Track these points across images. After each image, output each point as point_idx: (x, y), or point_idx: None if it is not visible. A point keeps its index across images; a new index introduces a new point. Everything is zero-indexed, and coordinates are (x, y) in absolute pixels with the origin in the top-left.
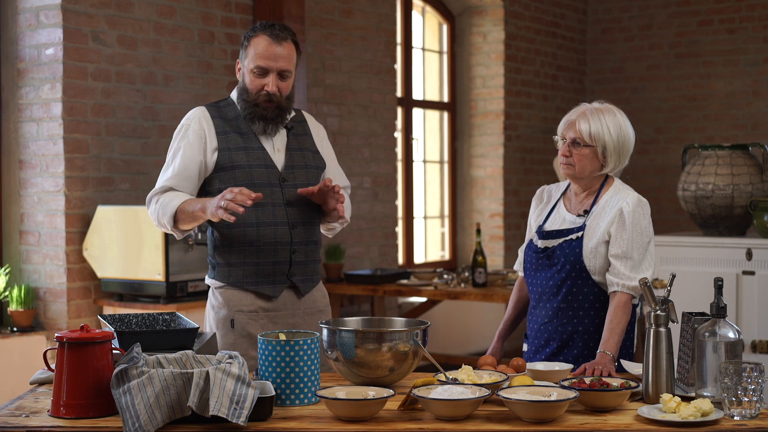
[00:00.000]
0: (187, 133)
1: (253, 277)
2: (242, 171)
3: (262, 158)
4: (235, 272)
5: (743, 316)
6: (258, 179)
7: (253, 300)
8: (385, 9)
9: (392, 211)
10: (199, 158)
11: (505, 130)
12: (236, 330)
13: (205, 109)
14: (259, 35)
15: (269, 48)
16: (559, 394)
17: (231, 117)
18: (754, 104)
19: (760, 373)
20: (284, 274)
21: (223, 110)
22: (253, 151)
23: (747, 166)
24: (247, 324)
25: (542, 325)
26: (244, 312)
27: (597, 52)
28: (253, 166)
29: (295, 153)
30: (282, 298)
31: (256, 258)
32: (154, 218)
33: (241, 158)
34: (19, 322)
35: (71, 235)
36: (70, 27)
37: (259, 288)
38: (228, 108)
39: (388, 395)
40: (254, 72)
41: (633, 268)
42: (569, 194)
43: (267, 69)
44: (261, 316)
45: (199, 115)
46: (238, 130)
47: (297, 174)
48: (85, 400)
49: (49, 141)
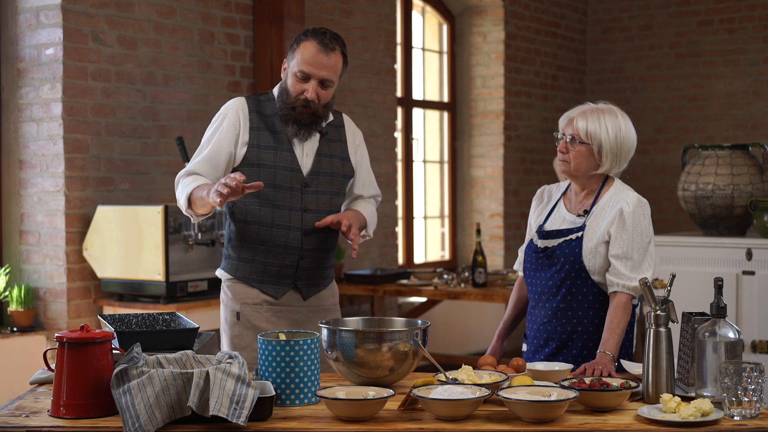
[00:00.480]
0: (222, 122)
1: (259, 275)
2: (267, 170)
3: (289, 161)
4: (243, 267)
5: (743, 316)
6: (281, 181)
7: (258, 294)
8: (385, 9)
9: (392, 211)
10: (229, 149)
11: (505, 130)
12: (242, 322)
13: (245, 102)
14: (309, 40)
15: (316, 55)
16: (559, 394)
17: (268, 113)
18: (754, 104)
19: (760, 373)
20: (290, 278)
21: (262, 105)
22: (281, 153)
23: (747, 166)
24: (252, 316)
25: (541, 325)
26: (249, 305)
27: (597, 52)
28: (279, 167)
29: (324, 159)
30: (286, 297)
31: (264, 257)
32: (178, 200)
33: (269, 157)
34: (19, 322)
35: (71, 235)
36: (70, 27)
37: (263, 287)
38: (268, 104)
39: (388, 395)
40: (297, 76)
41: (633, 268)
42: (569, 194)
43: (310, 75)
44: (266, 309)
45: (237, 106)
46: (272, 128)
47: (321, 180)
48: (85, 400)
49: (49, 141)
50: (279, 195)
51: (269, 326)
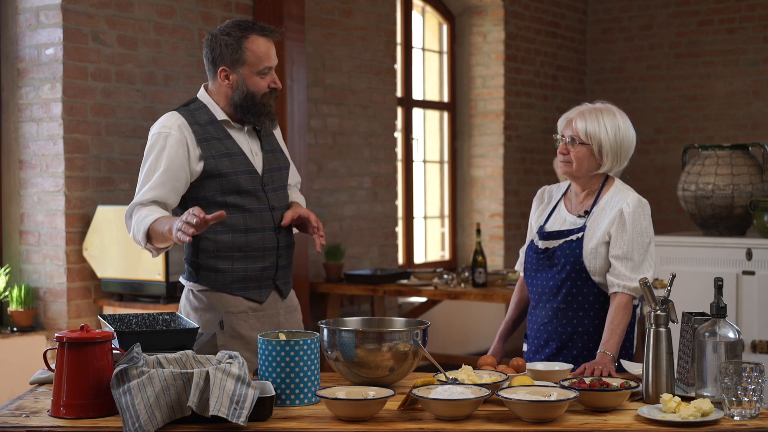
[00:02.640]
0: (166, 141)
1: (241, 282)
2: (228, 179)
3: (245, 164)
4: (222, 278)
5: (743, 316)
6: (244, 185)
7: (242, 301)
8: (385, 9)
9: (392, 211)
10: (184, 167)
11: (505, 130)
12: (226, 331)
13: (181, 116)
14: (252, 36)
15: (267, 46)
16: (559, 394)
17: (204, 122)
18: (754, 104)
19: (760, 373)
20: (270, 279)
21: (195, 114)
22: (236, 157)
23: (747, 166)
24: (237, 325)
25: (542, 325)
26: (233, 313)
27: (597, 52)
28: (239, 173)
29: (270, 155)
30: (269, 299)
31: (244, 264)
32: (131, 234)
33: (226, 165)
34: (19, 322)
35: (71, 235)
36: (70, 27)
37: (247, 293)
38: (199, 112)
39: (388, 395)
40: (262, 73)
41: (634, 269)
42: (570, 195)
43: (271, 67)
44: (250, 316)
45: (177, 123)
46: (216, 136)
47: (275, 177)
48: (85, 400)
49: (49, 141)
50: (245, 200)
51: (254, 333)
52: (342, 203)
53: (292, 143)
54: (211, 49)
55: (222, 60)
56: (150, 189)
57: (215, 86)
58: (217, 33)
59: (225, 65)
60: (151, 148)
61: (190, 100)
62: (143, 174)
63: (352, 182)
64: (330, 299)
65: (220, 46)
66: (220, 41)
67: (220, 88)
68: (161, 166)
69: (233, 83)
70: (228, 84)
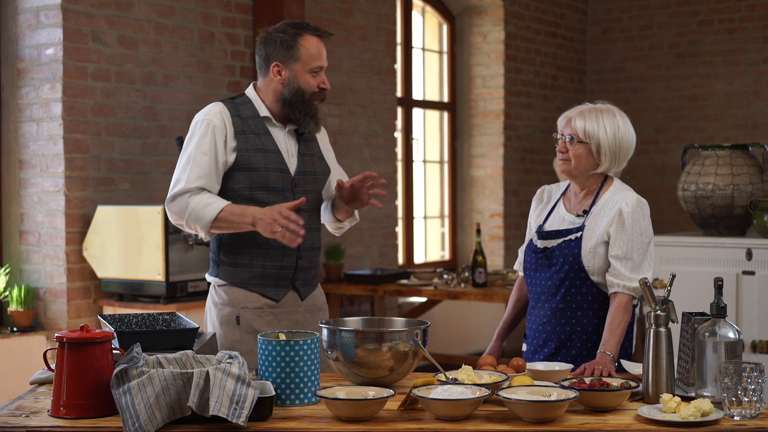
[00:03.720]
0: (209, 129)
1: (259, 279)
2: (258, 173)
3: (278, 162)
4: (240, 273)
5: (743, 316)
6: (273, 183)
7: (258, 298)
8: (385, 9)
9: (392, 211)
10: (223, 158)
11: (505, 130)
12: (242, 327)
13: (224, 106)
14: (305, 35)
15: (320, 47)
16: (559, 394)
17: (247, 116)
18: (754, 104)
19: (760, 373)
20: (288, 279)
21: (239, 108)
22: (270, 154)
23: (747, 166)
24: (253, 320)
25: (541, 325)
26: (249, 309)
27: (597, 52)
28: (270, 169)
29: (306, 158)
30: (286, 298)
31: (263, 261)
32: (182, 217)
33: (259, 160)
34: (19, 322)
35: (71, 235)
36: (70, 27)
37: (263, 290)
38: (244, 106)
39: (388, 395)
40: (313, 72)
41: (633, 269)
42: (569, 194)
43: (322, 67)
44: (266, 313)
45: (220, 111)
46: (255, 131)
47: (307, 180)
48: (85, 400)
49: (49, 141)
50: (272, 197)
51: (270, 329)
52: None
53: None
54: (265, 45)
55: (276, 56)
56: (198, 177)
57: (265, 82)
58: (272, 31)
59: (278, 60)
60: (195, 134)
61: (238, 95)
62: (186, 158)
63: None
64: (330, 299)
65: (275, 42)
66: (275, 38)
67: (270, 84)
68: (207, 154)
69: (285, 79)
70: (279, 80)
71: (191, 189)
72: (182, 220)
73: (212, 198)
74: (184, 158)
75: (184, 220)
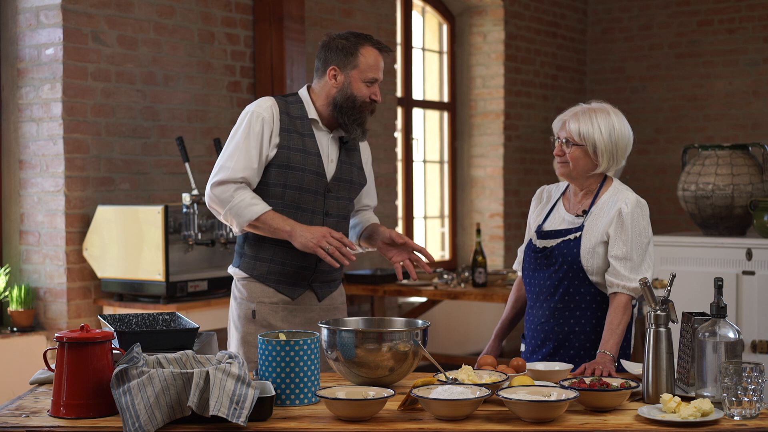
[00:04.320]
0: (258, 122)
1: (277, 275)
2: (295, 173)
3: (316, 165)
4: (260, 266)
5: (743, 316)
6: (307, 184)
7: (274, 293)
8: (385, 9)
9: (392, 211)
10: (266, 152)
11: (505, 130)
12: (257, 321)
13: (276, 102)
14: (366, 46)
15: (378, 59)
16: (559, 394)
17: (295, 115)
18: (754, 104)
19: (760, 373)
20: (305, 279)
21: (290, 106)
22: (309, 156)
23: (747, 166)
24: (268, 315)
25: (539, 325)
26: (265, 303)
27: (597, 52)
28: (307, 170)
29: (345, 166)
30: (302, 297)
31: (283, 258)
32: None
33: (298, 160)
34: (19, 322)
35: (71, 235)
36: (70, 27)
37: (279, 287)
38: (294, 106)
39: (388, 395)
40: (368, 82)
41: (633, 269)
42: (568, 194)
43: (377, 79)
44: (281, 308)
45: (271, 105)
46: (300, 131)
47: (341, 186)
48: (85, 400)
49: (49, 141)
50: (304, 198)
51: (285, 325)
52: None
53: None
54: (326, 49)
55: (335, 60)
56: (244, 168)
57: (320, 85)
58: (335, 36)
59: (336, 65)
60: (245, 125)
61: (291, 93)
62: (234, 147)
63: None
64: None
65: (336, 47)
66: (338, 43)
67: (324, 87)
68: (255, 146)
69: (340, 84)
70: (334, 84)
71: (236, 179)
72: (222, 209)
73: (256, 199)
74: (232, 146)
75: (223, 210)
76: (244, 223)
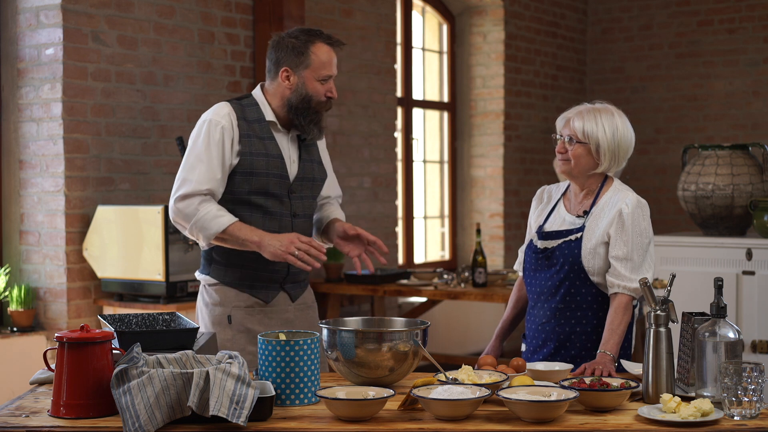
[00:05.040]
0: (217, 130)
1: (249, 280)
2: (259, 178)
3: (279, 167)
4: (232, 272)
5: (743, 316)
6: (272, 188)
7: (248, 297)
8: (385, 9)
9: (392, 211)
10: (229, 160)
11: (505, 130)
12: (233, 326)
13: (232, 108)
14: (318, 43)
15: (331, 55)
16: (559, 394)
17: (252, 119)
18: (754, 104)
19: (760, 373)
20: (278, 282)
21: (245, 110)
22: (272, 159)
23: (747, 166)
24: (244, 319)
25: (540, 325)
26: (241, 308)
27: (597, 52)
28: (270, 174)
29: (306, 164)
30: (276, 300)
31: (255, 263)
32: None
33: (261, 165)
34: (19, 322)
35: (71, 235)
36: (70, 27)
37: (253, 291)
38: (250, 109)
39: (388, 395)
40: (322, 80)
41: (633, 269)
42: (569, 195)
43: (331, 75)
44: (257, 311)
45: (228, 113)
46: (260, 135)
47: (305, 186)
48: (85, 400)
49: (49, 141)
50: (270, 202)
51: (262, 328)
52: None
53: None
54: (277, 49)
55: (286, 61)
56: (208, 179)
57: (273, 86)
58: (285, 36)
59: (288, 66)
60: (204, 134)
61: (244, 95)
62: (195, 158)
63: (352, 182)
64: (330, 299)
65: (287, 47)
66: (287, 43)
67: (278, 89)
68: (216, 156)
69: (293, 85)
70: (288, 85)
71: (201, 192)
72: (187, 223)
73: (222, 211)
74: (192, 157)
75: (189, 225)
76: (211, 236)
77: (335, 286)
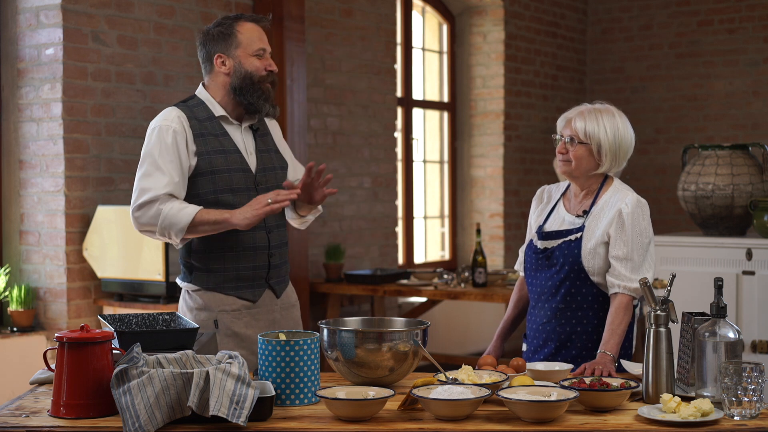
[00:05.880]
0: (169, 134)
1: (234, 282)
2: (222, 176)
3: (239, 162)
4: (214, 278)
5: (743, 316)
6: (237, 184)
7: (234, 300)
8: (385, 9)
9: (392, 211)
10: (187, 163)
11: (505, 130)
12: (221, 330)
13: (180, 110)
14: (242, 22)
15: (260, 31)
16: (559, 394)
17: (203, 118)
18: (754, 104)
19: (760, 373)
20: (263, 278)
21: (194, 110)
22: (230, 155)
23: (747, 166)
24: (232, 323)
25: (541, 325)
26: (227, 312)
27: (597, 52)
28: (232, 170)
29: (264, 155)
30: (263, 298)
31: (235, 263)
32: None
33: (220, 162)
34: (19, 322)
35: (71, 235)
36: (70, 27)
37: (239, 292)
38: (199, 108)
39: (388, 395)
40: (257, 55)
41: (633, 269)
42: (569, 195)
43: (265, 49)
44: (244, 314)
45: (177, 116)
46: (213, 132)
47: (269, 177)
48: (85, 400)
49: (49, 141)
50: (237, 198)
51: (249, 331)
52: (342, 203)
53: (292, 143)
54: (205, 43)
55: (216, 48)
56: (165, 185)
57: (213, 78)
58: (209, 28)
59: (221, 52)
60: (155, 140)
61: (189, 97)
62: (149, 165)
63: (352, 182)
64: (330, 299)
65: (213, 36)
66: (213, 32)
67: (218, 78)
68: (173, 160)
69: (230, 68)
70: (225, 70)
71: (160, 197)
72: (154, 227)
73: (185, 204)
74: (147, 165)
75: (157, 227)
76: (182, 229)
77: (335, 286)
